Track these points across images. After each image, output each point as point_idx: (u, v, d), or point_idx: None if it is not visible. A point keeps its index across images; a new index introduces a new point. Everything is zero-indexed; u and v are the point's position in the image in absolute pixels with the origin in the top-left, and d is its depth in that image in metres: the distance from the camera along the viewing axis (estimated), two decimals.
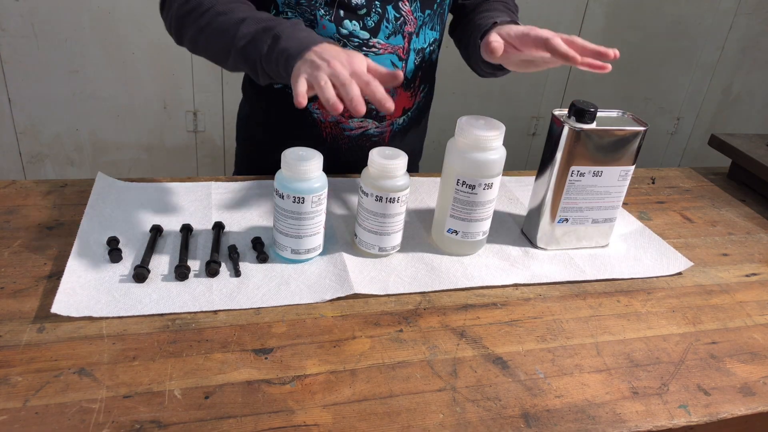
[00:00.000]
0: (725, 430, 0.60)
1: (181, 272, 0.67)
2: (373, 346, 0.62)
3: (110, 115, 2.10)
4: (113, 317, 0.62)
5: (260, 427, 0.52)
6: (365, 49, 0.87)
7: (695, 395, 0.61)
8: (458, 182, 0.73)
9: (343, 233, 0.80)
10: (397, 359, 0.61)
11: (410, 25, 0.88)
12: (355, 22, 0.85)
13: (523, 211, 0.90)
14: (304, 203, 0.69)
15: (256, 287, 0.68)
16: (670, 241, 0.88)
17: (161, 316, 0.63)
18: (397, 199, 0.72)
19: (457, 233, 0.77)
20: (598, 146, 0.75)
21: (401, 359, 0.61)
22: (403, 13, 0.87)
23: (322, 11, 0.83)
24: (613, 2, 2.46)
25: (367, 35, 0.86)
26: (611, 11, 2.48)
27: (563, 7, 2.40)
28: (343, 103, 0.64)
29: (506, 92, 2.50)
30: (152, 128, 2.17)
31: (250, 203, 0.85)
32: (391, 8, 0.86)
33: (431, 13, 0.90)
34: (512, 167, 0.99)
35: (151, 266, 0.69)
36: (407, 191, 0.73)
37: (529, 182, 0.99)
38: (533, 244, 0.83)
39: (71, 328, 0.60)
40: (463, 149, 0.73)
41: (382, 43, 0.87)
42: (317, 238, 0.73)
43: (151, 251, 0.71)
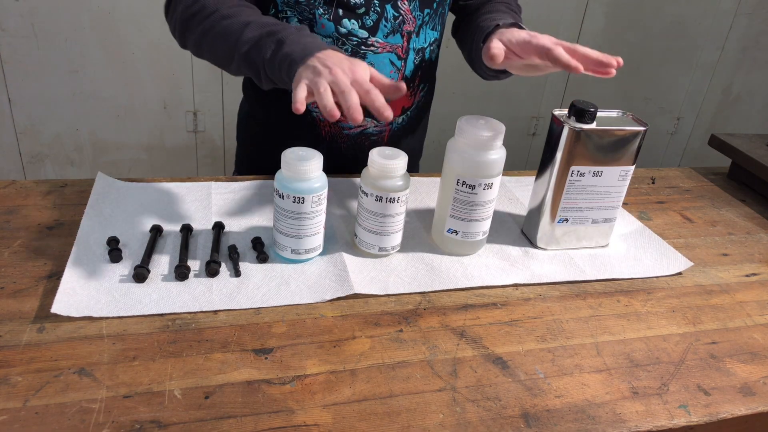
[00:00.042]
0: (725, 430, 0.60)
1: (181, 272, 0.67)
2: (373, 346, 0.62)
3: (110, 115, 2.10)
4: (113, 317, 0.62)
5: (260, 427, 0.52)
6: (364, 48, 0.87)
7: (695, 395, 0.61)
8: (458, 182, 0.73)
9: (343, 233, 0.80)
10: (397, 359, 0.61)
11: (409, 24, 0.88)
12: (353, 20, 0.85)
13: (523, 211, 0.90)
14: (304, 203, 0.69)
15: (256, 287, 0.68)
16: (670, 241, 0.88)
17: (161, 316, 0.63)
18: (397, 199, 0.72)
19: (457, 233, 0.77)
20: (598, 146, 0.75)
21: (401, 359, 0.61)
22: (401, 12, 0.87)
23: (320, 10, 0.83)
24: (613, 2, 2.46)
25: (365, 34, 0.86)
26: (611, 11, 2.48)
27: (563, 7, 2.40)
28: (340, 110, 0.63)
29: (506, 92, 2.50)
30: (152, 128, 2.17)
31: (250, 203, 0.85)
32: (389, 7, 0.86)
33: (431, 12, 0.90)
34: (512, 167, 0.99)
35: (151, 266, 0.69)
36: (407, 191, 0.73)
37: (529, 182, 0.99)
38: (533, 244, 0.83)
39: (71, 328, 0.60)
40: (463, 149, 0.73)
41: (380, 41, 0.87)
42: (317, 238, 0.73)
43: (151, 251, 0.71)
